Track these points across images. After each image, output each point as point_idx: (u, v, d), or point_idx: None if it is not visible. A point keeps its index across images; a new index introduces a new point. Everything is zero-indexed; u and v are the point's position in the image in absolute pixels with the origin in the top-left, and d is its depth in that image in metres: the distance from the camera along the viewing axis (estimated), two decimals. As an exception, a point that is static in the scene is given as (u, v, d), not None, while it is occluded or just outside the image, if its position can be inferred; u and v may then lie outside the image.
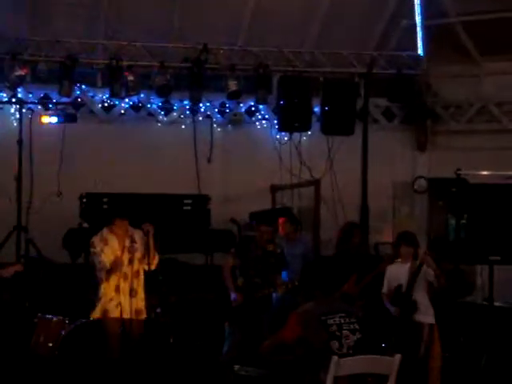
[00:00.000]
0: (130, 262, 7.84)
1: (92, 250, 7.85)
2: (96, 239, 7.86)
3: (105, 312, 7.80)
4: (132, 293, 7.78)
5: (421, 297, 7.75)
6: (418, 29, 11.71)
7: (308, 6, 11.40)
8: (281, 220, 9.59)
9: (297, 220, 9.79)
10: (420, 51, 11.82)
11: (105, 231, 7.92)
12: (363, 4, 11.44)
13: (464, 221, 9.24)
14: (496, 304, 8.81)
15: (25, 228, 9.79)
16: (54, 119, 10.70)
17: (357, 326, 5.74)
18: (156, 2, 10.99)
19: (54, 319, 7.97)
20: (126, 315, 7.73)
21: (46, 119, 10.73)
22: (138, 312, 7.78)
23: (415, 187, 12.15)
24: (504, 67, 11.77)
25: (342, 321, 5.73)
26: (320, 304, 5.83)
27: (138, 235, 7.90)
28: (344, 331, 5.68)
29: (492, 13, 11.15)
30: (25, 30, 10.71)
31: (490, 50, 11.67)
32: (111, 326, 7.73)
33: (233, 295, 8.25)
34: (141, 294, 7.82)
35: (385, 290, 8.02)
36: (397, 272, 7.93)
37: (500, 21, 11.14)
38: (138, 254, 7.85)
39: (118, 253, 7.84)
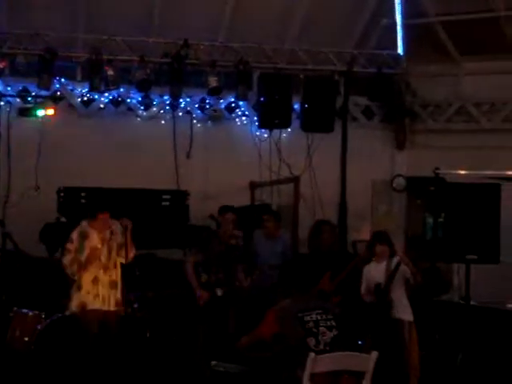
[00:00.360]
0: (110, 253, 7.85)
1: (67, 245, 7.83)
2: (75, 234, 7.84)
3: (82, 305, 7.78)
4: (112, 284, 7.79)
5: (399, 295, 7.79)
6: (398, 28, 11.76)
7: (289, 3, 11.41)
8: (266, 217, 9.63)
9: (280, 217, 9.84)
10: (400, 50, 11.87)
11: (84, 224, 7.90)
12: (344, 2, 11.47)
13: (441, 219, 9.28)
14: (472, 303, 8.86)
15: (2, 222, 9.72)
16: (33, 112, 10.65)
17: (333, 323, 5.77)
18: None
19: (30, 313, 7.95)
20: (107, 307, 7.73)
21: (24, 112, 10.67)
22: (118, 303, 7.79)
23: (394, 185, 12.21)
24: (483, 67, 11.84)
25: (319, 317, 5.76)
26: (297, 301, 5.86)
27: (116, 226, 7.90)
28: (321, 328, 5.71)
29: (471, 13, 11.21)
30: (3, 22, 10.62)
31: (469, 50, 11.74)
32: (89, 319, 7.71)
33: (198, 293, 8.27)
34: (119, 285, 7.83)
35: (363, 290, 8.05)
36: (374, 271, 7.97)
37: (479, 21, 11.21)
38: (116, 246, 7.86)
39: (98, 246, 7.84)
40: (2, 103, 10.28)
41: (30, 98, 10.88)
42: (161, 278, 9.49)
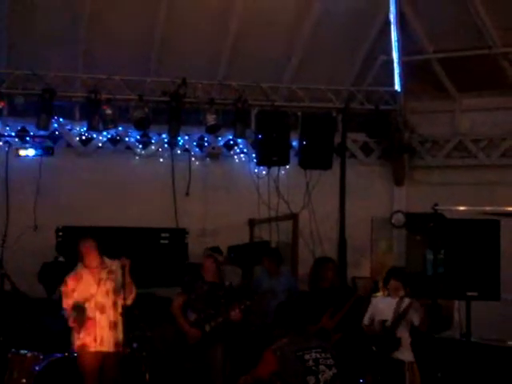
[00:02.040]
0: (107, 293, 7.79)
1: (62, 288, 7.79)
2: (69, 278, 7.82)
3: (81, 347, 7.72)
4: (111, 325, 7.73)
5: (404, 335, 7.76)
6: (395, 65, 11.82)
7: (286, 41, 11.49)
8: (266, 259, 9.71)
9: (279, 255, 9.86)
10: (397, 87, 11.93)
11: (79, 267, 7.88)
12: (341, 39, 11.54)
13: (441, 256, 9.23)
14: (473, 340, 8.79)
15: (-1, 262, 9.69)
16: (31, 152, 10.68)
17: (332, 362, 5.74)
18: (135, 36, 11.02)
19: (28, 354, 7.89)
20: (106, 348, 7.67)
21: (22, 152, 10.70)
22: (117, 344, 7.72)
23: (393, 222, 12.17)
24: (480, 103, 11.89)
25: (319, 356, 5.73)
26: (295, 340, 5.83)
27: (115, 266, 7.86)
28: (320, 366, 5.67)
29: (468, 50, 11.29)
30: (2, 62, 10.69)
31: (466, 87, 11.80)
32: (88, 360, 7.66)
33: (187, 331, 8.25)
34: (119, 326, 7.76)
35: (366, 321, 8.01)
36: (383, 306, 7.94)
37: (476, 58, 11.29)
38: (114, 285, 7.81)
39: (94, 287, 7.79)
40: (1, 143, 10.29)
41: (28, 138, 10.91)
42: (160, 317, 9.42)
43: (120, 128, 11.24)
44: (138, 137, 11.61)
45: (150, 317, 9.13)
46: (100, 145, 11.51)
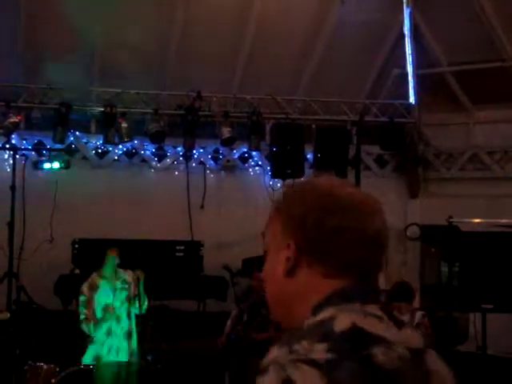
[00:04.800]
0: (122, 303, 7.84)
1: (79, 298, 7.84)
2: (85, 287, 7.86)
3: (97, 357, 7.76)
4: (126, 334, 7.77)
5: None
6: (410, 78, 11.84)
7: (301, 54, 11.54)
8: None
9: None
10: (412, 100, 11.95)
11: (94, 276, 7.93)
12: (355, 53, 11.58)
13: (456, 268, 9.23)
14: (489, 353, 8.77)
15: (16, 275, 9.74)
16: (48, 165, 10.76)
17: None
18: (150, 50, 11.10)
19: (45, 367, 7.91)
20: (121, 358, 7.71)
21: (39, 165, 10.78)
22: (132, 354, 7.76)
23: (408, 234, 12.16)
24: (494, 116, 11.89)
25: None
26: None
27: (130, 276, 7.91)
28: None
29: (482, 63, 11.30)
30: (19, 77, 10.79)
31: (480, 99, 11.80)
32: (104, 371, 7.69)
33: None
34: (134, 336, 7.81)
35: None
36: None
37: (490, 70, 11.29)
38: (128, 296, 7.86)
39: (109, 297, 7.84)
40: (18, 156, 10.37)
41: (44, 152, 10.99)
42: (175, 329, 9.45)
43: (135, 141, 11.32)
44: (154, 150, 11.68)
45: (164, 329, 9.16)
46: (116, 158, 11.58)
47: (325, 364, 1.71)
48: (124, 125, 10.73)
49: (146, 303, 7.95)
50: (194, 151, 11.61)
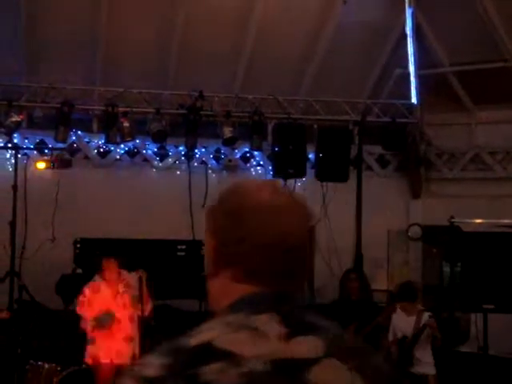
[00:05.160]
0: (124, 307, 7.83)
1: (79, 297, 7.84)
2: (87, 289, 7.87)
3: (96, 358, 7.76)
4: (128, 338, 7.76)
5: (425, 350, 7.77)
6: (412, 78, 11.83)
7: (303, 54, 11.53)
8: None
9: None
10: (414, 100, 11.94)
11: (97, 278, 7.93)
12: (357, 52, 11.58)
13: (458, 268, 9.23)
14: (491, 353, 8.77)
15: (17, 274, 9.75)
16: (49, 164, 10.76)
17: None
18: (152, 50, 11.10)
19: (46, 366, 7.93)
20: (122, 361, 7.70)
21: (41, 165, 10.79)
22: (134, 357, 7.75)
23: (409, 234, 12.15)
24: (496, 116, 11.88)
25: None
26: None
27: (132, 279, 7.90)
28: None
29: (484, 63, 11.29)
30: (21, 76, 10.79)
31: (482, 99, 11.78)
32: (103, 373, 7.69)
33: None
34: (136, 339, 7.80)
35: (390, 337, 8.03)
36: (403, 322, 7.94)
37: (492, 70, 11.28)
38: (132, 299, 7.85)
39: (111, 300, 7.83)
40: (20, 155, 10.37)
41: (46, 151, 11.00)
42: (176, 328, 9.44)
43: (137, 141, 11.31)
44: (156, 149, 11.68)
45: (167, 329, 9.16)
46: (118, 157, 11.59)
47: (151, 380, 1.80)
48: (126, 124, 10.72)
49: (151, 305, 7.93)
50: (196, 151, 11.61)
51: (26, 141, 11.10)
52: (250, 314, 1.87)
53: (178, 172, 11.77)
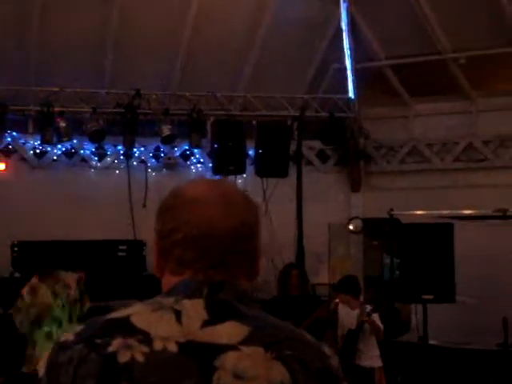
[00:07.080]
0: (63, 307, 7.73)
1: (16, 302, 7.70)
2: (24, 291, 7.73)
3: (38, 362, 7.64)
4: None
5: (369, 343, 7.83)
6: (349, 72, 11.92)
7: (240, 50, 11.53)
8: None
9: None
10: (351, 94, 12.02)
11: (33, 280, 7.79)
12: (294, 48, 11.61)
13: (398, 260, 9.33)
14: (432, 343, 8.89)
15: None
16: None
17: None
18: (88, 48, 10.97)
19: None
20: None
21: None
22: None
23: (350, 227, 12.23)
24: (432, 108, 12.04)
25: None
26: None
27: (71, 279, 7.80)
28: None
29: (419, 56, 11.42)
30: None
31: (418, 92, 11.93)
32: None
33: None
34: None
35: (339, 332, 8.08)
36: (347, 316, 7.99)
37: (427, 63, 11.43)
38: (70, 299, 7.75)
39: (50, 301, 7.72)
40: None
41: (-19, 153, 10.81)
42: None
43: (74, 141, 11.17)
44: (93, 149, 11.54)
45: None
46: (55, 158, 11.42)
47: (62, 345, 1.93)
48: (63, 124, 10.59)
49: (87, 306, 7.84)
50: (135, 150, 11.51)
51: (-40, 143, 10.88)
52: (180, 299, 1.94)
53: (117, 171, 11.66)
